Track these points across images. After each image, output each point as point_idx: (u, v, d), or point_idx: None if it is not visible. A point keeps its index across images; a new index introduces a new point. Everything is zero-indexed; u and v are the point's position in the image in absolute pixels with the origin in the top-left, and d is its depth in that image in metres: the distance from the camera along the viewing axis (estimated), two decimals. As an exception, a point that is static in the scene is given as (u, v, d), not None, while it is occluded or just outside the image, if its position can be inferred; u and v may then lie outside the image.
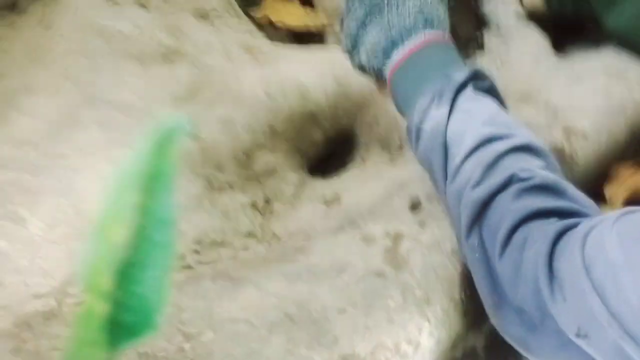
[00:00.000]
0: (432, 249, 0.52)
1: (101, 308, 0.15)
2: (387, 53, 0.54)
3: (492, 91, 0.54)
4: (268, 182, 0.71)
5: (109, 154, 0.57)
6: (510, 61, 0.79)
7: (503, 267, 0.44)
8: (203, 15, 0.72)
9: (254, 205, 0.68)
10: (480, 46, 0.83)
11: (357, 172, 0.75)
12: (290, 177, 0.73)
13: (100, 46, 0.63)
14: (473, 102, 0.51)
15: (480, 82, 0.53)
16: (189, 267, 0.54)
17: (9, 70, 0.62)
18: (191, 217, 0.60)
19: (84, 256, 0.15)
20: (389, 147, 0.74)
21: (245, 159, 0.67)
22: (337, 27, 0.76)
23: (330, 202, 0.70)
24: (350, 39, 0.58)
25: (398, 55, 0.53)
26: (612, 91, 0.70)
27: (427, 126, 0.51)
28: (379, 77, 0.58)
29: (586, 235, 0.40)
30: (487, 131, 0.48)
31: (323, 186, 0.74)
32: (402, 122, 0.75)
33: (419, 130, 0.52)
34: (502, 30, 0.82)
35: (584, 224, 0.41)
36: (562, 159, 0.67)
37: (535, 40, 0.78)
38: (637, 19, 0.68)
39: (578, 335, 0.39)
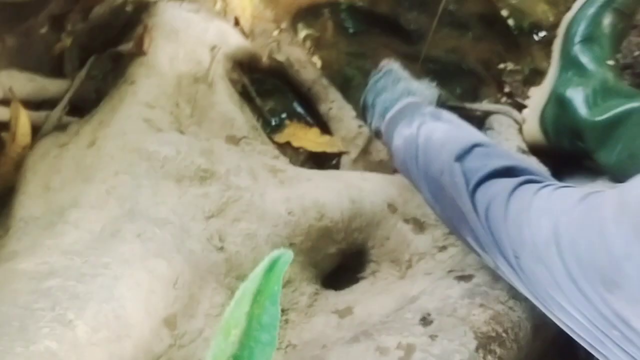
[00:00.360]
0: (442, 361, 0.56)
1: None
2: (382, 117, 0.80)
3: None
4: (284, 292, 0.75)
5: (146, 264, 0.63)
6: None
7: (478, 197, 0.60)
8: (233, 141, 0.81)
9: (271, 315, 0.72)
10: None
11: (368, 285, 0.80)
12: (305, 288, 0.77)
13: (143, 167, 0.70)
14: (436, 122, 0.72)
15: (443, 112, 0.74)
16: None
17: (59, 185, 0.69)
18: (216, 324, 0.64)
19: (211, 350, 0.21)
20: (399, 262, 0.80)
21: (265, 270, 0.73)
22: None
23: (342, 313, 0.75)
24: (368, 117, 0.85)
25: (389, 115, 0.79)
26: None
27: (400, 142, 0.74)
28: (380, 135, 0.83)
29: (540, 188, 0.55)
30: (448, 127, 0.71)
31: (336, 298, 0.78)
32: (412, 239, 0.81)
33: (397, 147, 0.74)
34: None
35: (544, 183, 0.57)
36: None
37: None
38: (627, 157, 0.75)
39: (514, 255, 0.54)
